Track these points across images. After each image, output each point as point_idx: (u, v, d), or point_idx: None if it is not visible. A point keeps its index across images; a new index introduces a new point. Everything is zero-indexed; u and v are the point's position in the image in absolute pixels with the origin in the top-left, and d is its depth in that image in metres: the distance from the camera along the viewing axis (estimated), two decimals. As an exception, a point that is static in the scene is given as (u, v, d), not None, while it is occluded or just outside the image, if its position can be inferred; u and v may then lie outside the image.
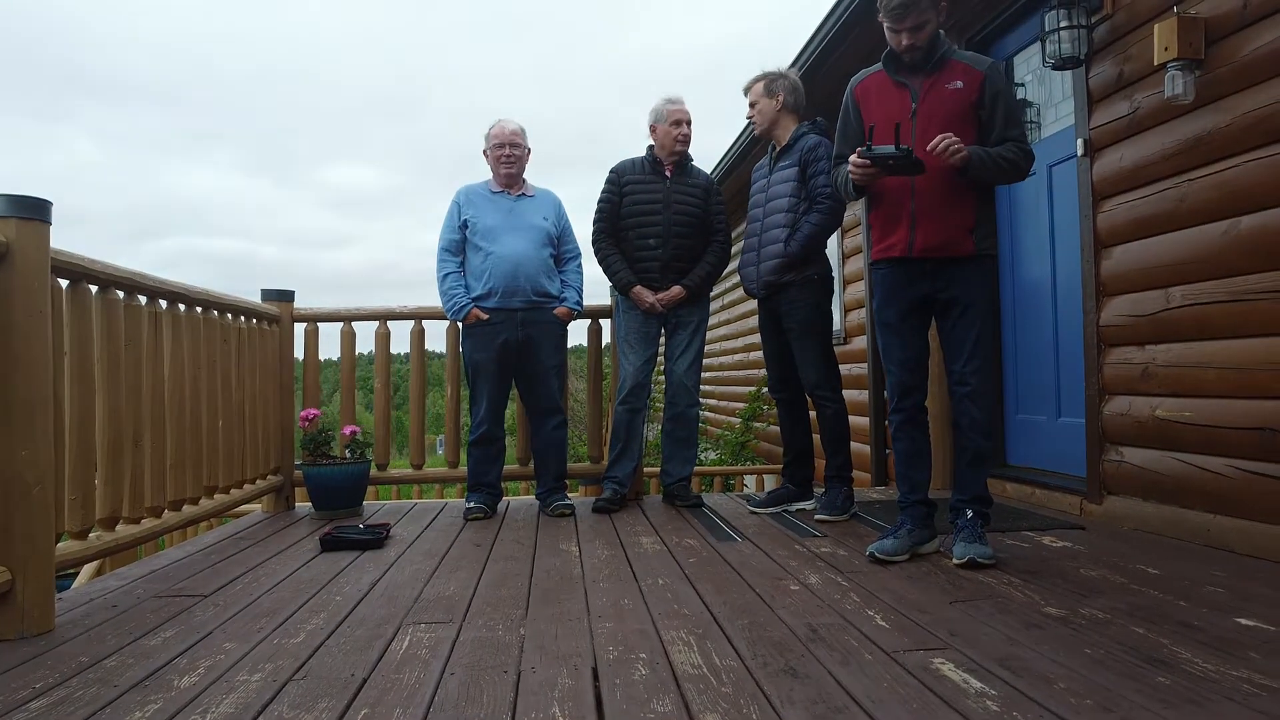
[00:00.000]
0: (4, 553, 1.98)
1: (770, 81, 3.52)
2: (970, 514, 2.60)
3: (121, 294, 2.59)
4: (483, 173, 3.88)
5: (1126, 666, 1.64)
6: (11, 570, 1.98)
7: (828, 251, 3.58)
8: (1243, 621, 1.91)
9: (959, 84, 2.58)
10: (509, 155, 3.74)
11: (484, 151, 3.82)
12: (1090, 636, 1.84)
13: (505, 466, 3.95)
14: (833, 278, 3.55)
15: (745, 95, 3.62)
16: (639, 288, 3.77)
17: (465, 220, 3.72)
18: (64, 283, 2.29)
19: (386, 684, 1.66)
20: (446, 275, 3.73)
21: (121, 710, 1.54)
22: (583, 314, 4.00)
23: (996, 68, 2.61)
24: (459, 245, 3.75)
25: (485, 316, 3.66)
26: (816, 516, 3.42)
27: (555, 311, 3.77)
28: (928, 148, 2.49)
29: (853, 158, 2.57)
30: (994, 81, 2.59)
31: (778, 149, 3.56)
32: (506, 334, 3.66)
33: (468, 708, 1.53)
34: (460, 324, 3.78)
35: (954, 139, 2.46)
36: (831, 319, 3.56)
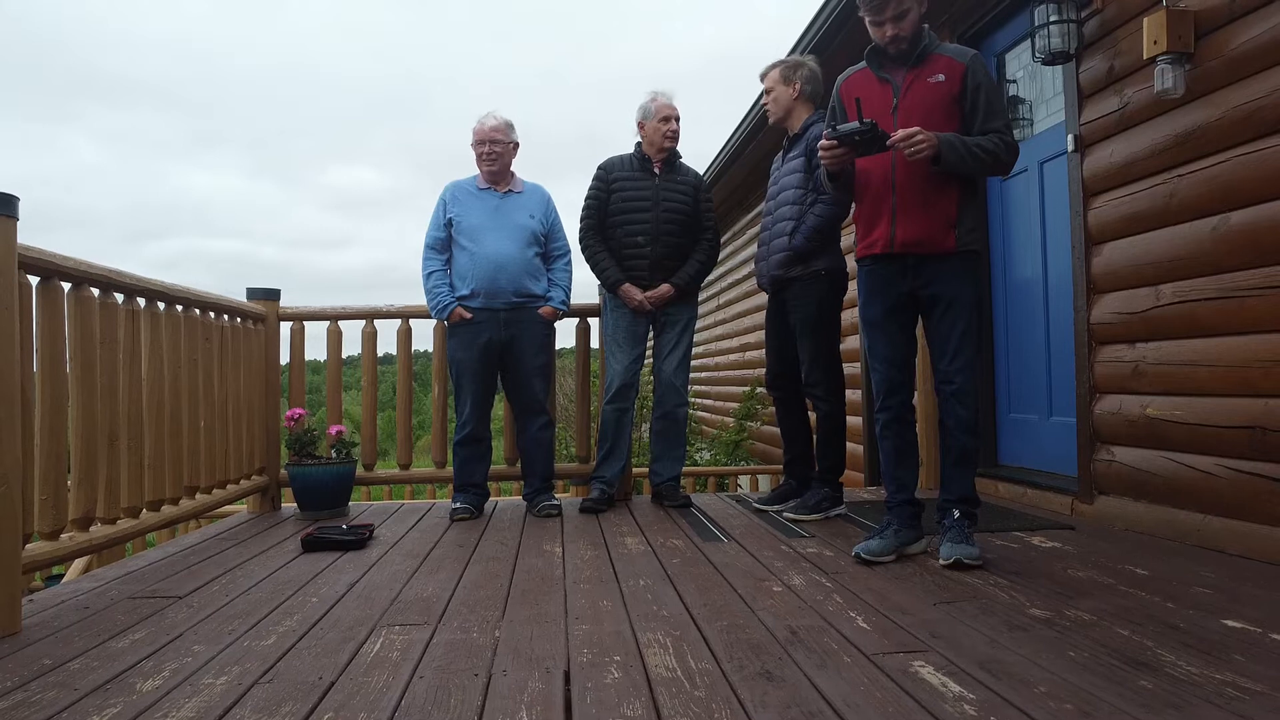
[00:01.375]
0: (-31, 554, 1.95)
1: (788, 68, 3.43)
2: (957, 514, 2.57)
3: (96, 291, 2.55)
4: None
5: (1109, 669, 1.61)
6: (-24, 571, 1.95)
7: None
8: (1229, 623, 1.87)
9: (941, 77, 2.55)
10: (489, 153, 3.69)
11: (472, 146, 3.78)
12: (1074, 639, 1.80)
13: (493, 466, 3.92)
14: (846, 274, 3.41)
15: (761, 81, 3.53)
16: (627, 285, 3.74)
17: (450, 218, 3.69)
18: (34, 279, 2.25)
19: (354, 687, 1.62)
20: (431, 273, 3.69)
21: (79, 714, 1.51)
22: (570, 313, 3.96)
23: (979, 59, 2.57)
24: (444, 243, 3.71)
25: (469, 316, 3.62)
26: (785, 515, 3.39)
27: (540, 311, 3.73)
28: (888, 142, 2.44)
29: (820, 143, 2.54)
30: (975, 73, 2.54)
31: (790, 139, 3.50)
32: (489, 334, 3.63)
33: (434, 712, 1.50)
34: (445, 323, 3.75)
35: (919, 135, 2.41)
36: (838, 318, 3.44)
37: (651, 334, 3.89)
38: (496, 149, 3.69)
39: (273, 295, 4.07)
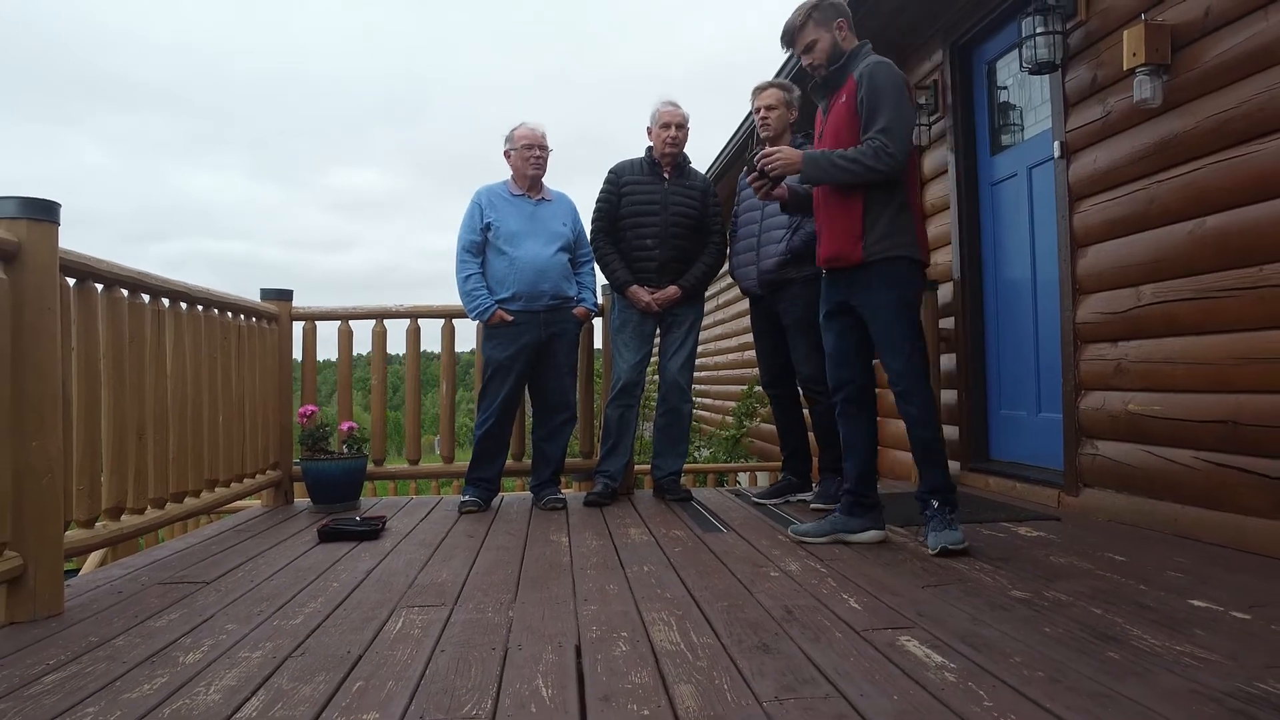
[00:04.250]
0: (16, 539, 2.07)
1: (791, 94, 3.62)
2: (935, 504, 2.69)
3: (126, 292, 2.68)
4: (485, 175, 3.97)
5: (1080, 643, 1.74)
6: (24, 556, 2.07)
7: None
8: (1195, 603, 2.00)
9: (844, 97, 2.72)
10: (538, 157, 3.82)
11: (505, 153, 3.88)
12: (1051, 616, 1.93)
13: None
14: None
15: (756, 95, 3.63)
16: (635, 287, 3.86)
17: (488, 222, 3.79)
18: (71, 281, 2.38)
19: (380, 660, 1.75)
20: (469, 276, 3.79)
21: (131, 683, 1.63)
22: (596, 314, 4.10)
23: (870, 68, 2.65)
24: (480, 246, 3.81)
25: (510, 319, 3.75)
26: (812, 505, 3.56)
27: (574, 311, 3.88)
28: (747, 180, 2.72)
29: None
30: (861, 84, 2.65)
31: None
32: (530, 335, 3.76)
33: (457, 680, 1.62)
34: (483, 324, 3.85)
35: (776, 160, 2.66)
36: None
37: (657, 333, 4.02)
38: (544, 154, 3.84)
39: (285, 296, 4.20)
